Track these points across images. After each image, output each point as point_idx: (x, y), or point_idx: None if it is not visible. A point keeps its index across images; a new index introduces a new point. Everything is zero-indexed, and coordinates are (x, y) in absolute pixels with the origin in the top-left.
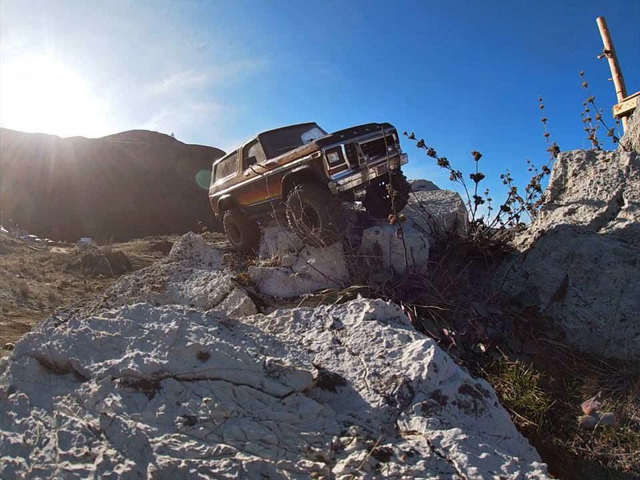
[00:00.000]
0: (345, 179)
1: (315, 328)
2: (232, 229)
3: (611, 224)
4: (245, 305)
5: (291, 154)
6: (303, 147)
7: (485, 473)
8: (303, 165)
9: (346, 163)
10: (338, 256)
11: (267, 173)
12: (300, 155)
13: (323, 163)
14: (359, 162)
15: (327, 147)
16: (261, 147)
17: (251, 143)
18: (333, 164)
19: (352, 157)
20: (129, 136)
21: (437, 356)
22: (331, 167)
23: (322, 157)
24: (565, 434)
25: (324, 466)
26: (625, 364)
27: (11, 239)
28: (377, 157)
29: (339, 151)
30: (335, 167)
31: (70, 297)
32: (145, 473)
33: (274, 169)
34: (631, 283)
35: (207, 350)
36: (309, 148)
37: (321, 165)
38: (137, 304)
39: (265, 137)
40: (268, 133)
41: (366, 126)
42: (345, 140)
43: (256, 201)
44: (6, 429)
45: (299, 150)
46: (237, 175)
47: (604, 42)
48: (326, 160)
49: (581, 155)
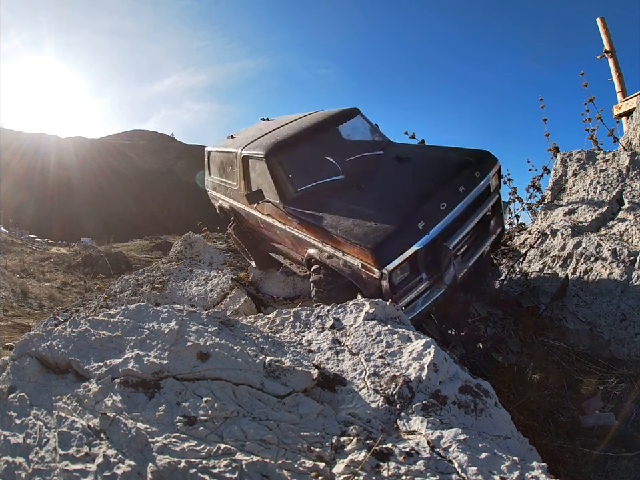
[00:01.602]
0: (417, 305)
1: (314, 328)
2: (239, 245)
3: (611, 224)
4: (245, 305)
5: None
6: (345, 240)
7: (485, 473)
8: (340, 266)
9: (422, 276)
10: None
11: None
12: (339, 246)
13: (382, 286)
14: (444, 271)
15: (393, 262)
16: (271, 178)
17: (253, 156)
18: (399, 286)
19: (433, 261)
20: (129, 136)
21: (437, 356)
22: (395, 292)
23: (381, 280)
24: (565, 434)
25: (324, 466)
26: (625, 364)
27: (11, 239)
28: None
29: (413, 259)
30: (403, 289)
31: (70, 296)
32: (145, 473)
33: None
34: (630, 283)
35: (207, 350)
36: (356, 250)
37: (376, 284)
38: (137, 304)
39: (277, 158)
40: (283, 147)
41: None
42: (424, 230)
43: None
44: (6, 429)
45: (337, 239)
46: (237, 189)
47: (604, 42)
48: (388, 282)
49: (581, 155)
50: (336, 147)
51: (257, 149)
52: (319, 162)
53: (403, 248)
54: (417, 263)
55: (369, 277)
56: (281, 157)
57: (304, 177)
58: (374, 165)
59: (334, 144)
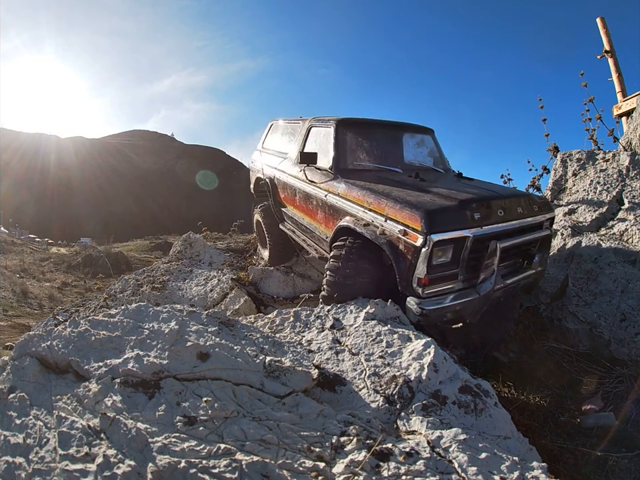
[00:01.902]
0: (445, 307)
1: (314, 328)
2: (260, 231)
3: (611, 224)
4: (245, 305)
5: (369, 197)
6: (394, 203)
7: (485, 473)
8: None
9: (459, 269)
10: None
11: (322, 194)
12: (383, 210)
13: (420, 258)
14: (483, 278)
15: (441, 234)
16: (332, 143)
17: (321, 125)
18: (434, 267)
19: (474, 263)
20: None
21: (437, 356)
22: (429, 274)
23: (422, 248)
24: (565, 434)
25: (324, 466)
26: (625, 364)
27: (11, 239)
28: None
29: (458, 246)
30: (436, 275)
31: (70, 296)
32: (145, 473)
33: (335, 196)
34: (631, 283)
35: (207, 350)
36: (404, 213)
37: (413, 258)
38: (137, 304)
39: (345, 129)
40: (353, 124)
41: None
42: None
43: (297, 214)
44: (6, 429)
45: (385, 202)
46: (289, 157)
47: (604, 42)
48: (428, 257)
49: (581, 155)
50: (402, 148)
51: (329, 120)
52: (382, 150)
53: (455, 226)
54: (461, 254)
55: (408, 245)
56: (350, 129)
57: (363, 155)
58: (433, 174)
59: (401, 144)
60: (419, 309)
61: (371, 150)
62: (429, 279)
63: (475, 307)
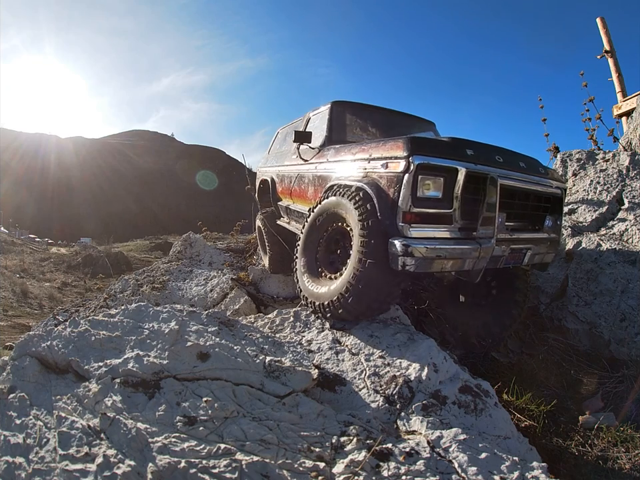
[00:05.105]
0: (437, 249)
1: (314, 328)
2: (261, 237)
3: (611, 224)
4: (245, 305)
5: (355, 148)
6: (378, 142)
7: (485, 473)
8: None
9: (452, 210)
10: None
11: (313, 167)
12: (367, 153)
13: (402, 187)
14: (483, 221)
15: (425, 158)
16: (327, 120)
17: (319, 111)
18: (421, 201)
19: (471, 203)
20: (129, 136)
21: (437, 356)
22: (415, 207)
23: (405, 174)
24: (565, 434)
25: (324, 466)
26: (625, 364)
27: (11, 239)
28: (516, 226)
29: (449, 179)
30: (425, 212)
31: (70, 296)
32: (145, 473)
33: (324, 163)
34: (631, 283)
35: (207, 350)
36: (387, 146)
37: (395, 190)
38: (137, 304)
39: (341, 108)
40: (350, 106)
41: (519, 155)
42: (473, 160)
43: (291, 203)
44: (6, 429)
45: (369, 145)
46: (290, 149)
47: (604, 42)
48: (411, 184)
49: (581, 155)
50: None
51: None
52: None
53: (443, 156)
54: (453, 191)
55: (390, 177)
56: (345, 108)
57: (357, 133)
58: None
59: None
60: (403, 247)
61: (368, 129)
62: (415, 214)
63: (475, 261)
